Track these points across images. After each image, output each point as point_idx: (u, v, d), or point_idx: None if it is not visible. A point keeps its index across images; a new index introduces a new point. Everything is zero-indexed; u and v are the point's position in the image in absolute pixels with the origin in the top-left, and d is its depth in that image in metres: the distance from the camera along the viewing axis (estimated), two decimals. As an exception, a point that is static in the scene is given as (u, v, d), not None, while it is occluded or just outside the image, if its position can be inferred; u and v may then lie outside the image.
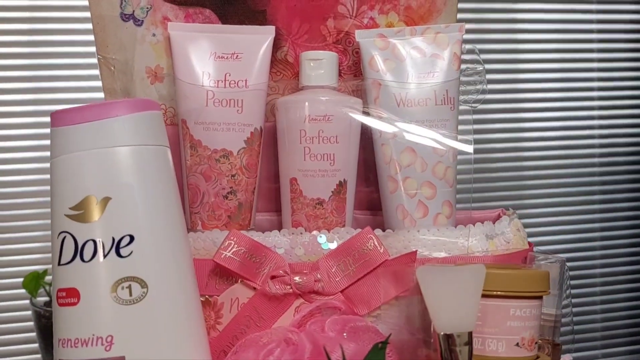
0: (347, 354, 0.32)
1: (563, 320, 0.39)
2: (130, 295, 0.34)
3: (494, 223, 0.41)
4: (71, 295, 0.34)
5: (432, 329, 0.32)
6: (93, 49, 0.45)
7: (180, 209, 0.38)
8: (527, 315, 0.32)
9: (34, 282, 0.97)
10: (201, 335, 0.37)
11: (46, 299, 0.91)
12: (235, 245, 0.39)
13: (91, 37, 0.44)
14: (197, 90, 0.42)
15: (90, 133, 0.35)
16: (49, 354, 0.94)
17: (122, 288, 0.34)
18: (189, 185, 0.43)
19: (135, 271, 0.34)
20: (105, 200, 0.35)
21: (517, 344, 0.32)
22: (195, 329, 0.36)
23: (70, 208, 0.35)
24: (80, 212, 0.35)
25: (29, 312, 0.90)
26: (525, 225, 0.42)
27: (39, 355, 0.94)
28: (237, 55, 0.43)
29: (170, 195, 0.37)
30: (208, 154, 0.42)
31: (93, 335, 0.34)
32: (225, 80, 0.42)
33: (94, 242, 0.34)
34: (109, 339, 0.33)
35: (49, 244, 0.34)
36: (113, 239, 0.34)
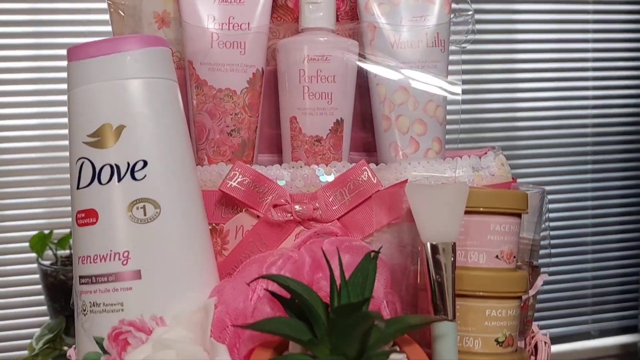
0: (343, 264, 0.35)
1: (541, 244, 0.42)
2: (145, 214, 0.37)
3: (480, 158, 0.44)
4: (90, 216, 0.37)
5: (419, 241, 0.35)
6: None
7: (189, 140, 0.40)
8: (506, 231, 0.36)
9: (40, 242, 1.01)
10: (210, 254, 0.40)
11: (52, 261, 0.95)
12: (240, 176, 0.42)
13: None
14: (202, 33, 0.45)
15: (104, 66, 0.38)
16: (55, 310, 0.98)
17: (137, 208, 0.37)
18: (196, 123, 0.46)
19: (149, 193, 0.37)
20: (120, 128, 0.37)
21: (497, 256, 0.35)
22: (205, 248, 0.40)
23: (87, 135, 0.38)
24: (97, 139, 0.37)
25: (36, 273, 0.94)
26: None
27: (45, 314, 0.98)
28: (240, 0, 0.45)
29: (179, 125, 0.40)
30: (213, 93, 0.45)
31: (111, 251, 0.37)
32: (229, 23, 0.45)
33: (111, 166, 0.37)
34: (125, 254, 0.37)
35: (53, 209, 0.36)
36: (128, 164, 0.37)
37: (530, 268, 0.42)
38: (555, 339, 1.39)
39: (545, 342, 0.40)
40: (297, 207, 0.42)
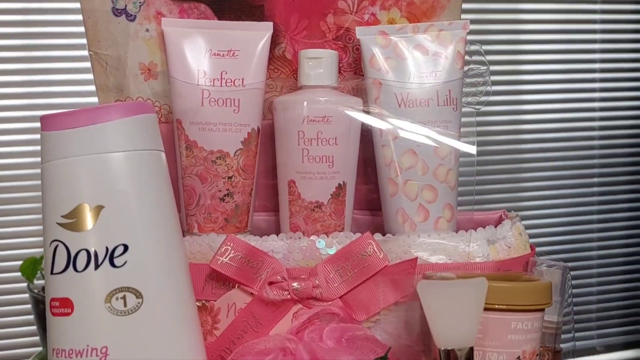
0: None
1: (564, 327, 0.39)
2: (125, 305, 0.33)
3: (495, 227, 0.41)
4: (65, 306, 0.34)
5: (432, 343, 0.31)
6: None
7: (176, 215, 0.37)
8: (529, 329, 0.32)
9: (31, 267, 0.97)
10: (198, 343, 0.36)
11: (43, 282, 0.91)
12: (232, 251, 0.38)
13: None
14: (192, 89, 0.41)
15: (82, 138, 0.34)
16: (46, 337, 0.94)
17: (117, 299, 0.33)
18: (185, 186, 0.42)
19: (129, 281, 0.33)
20: (99, 209, 0.34)
21: (519, 357, 0.32)
22: (192, 338, 0.36)
23: (62, 216, 0.34)
24: (72, 221, 0.34)
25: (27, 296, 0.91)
26: (524, 218, 0.42)
27: (37, 338, 0.95)
28: (234, 53, 0.41)
29: (165, 201, 0.36)
30: (204, 155, 0.41)
31: (87, 346, 0.33)
32: (221, 78, 0.41)
33: (87, 251, 0.33)
34: (103, 350, 0.33)
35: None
36: (107, 249, 0.33)
37: (552, 354, 0.38)
38: (560, 354, 1.38)
39: None
40: (295, 284, 0.38)
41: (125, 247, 0.34)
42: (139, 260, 0.34)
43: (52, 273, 0.34)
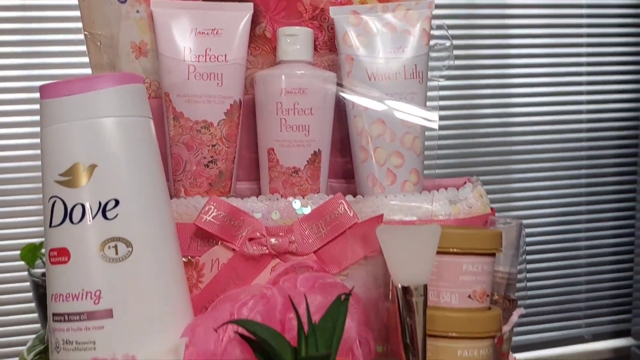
0: (314, 305, 0.35)
1: (518, 277, 0.42)
2: (117, 254, 0.37)
3: (458, 190, 0.44)
4: (62, 254, 0.37)
5: (391, 283, 0.35)
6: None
7: (163, 176, 0.40)
8: (479, 271, 0.36)
9: (30, 253, 1.01)
10: (184, 291, 0.40)
11: (43, 270, 0.95)
12: (215, 210, 0.42)
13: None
14: (179, 65, 0.45)
15: (77, 105, 0.38)
16: (46, 320, 0.97)
17: (109, 247, 0.37)
18: (172, 154, 0.46)
19: (120, 232, 0.37)
20: (92, 167, 0.37)
21: (469, 296, 0.35)
22: (178, 286, 0.39)
23: (59, 174, 0.37)
24: (68, 178, 0.37)
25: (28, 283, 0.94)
26: (513, 209, 0.44)
27: (38, 325, 0.98)
28: (217, 31, 0.45)
29: (153, 163, 0.40)
30: (190, 125, 0.45)
31: (83, 290, 0.37)
32: (205, 55, 0.45)
33: (82, 205, 0.37)
34: (97, 293, 0.36)
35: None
36: (100, 203, 0.37)
37: (508, 302, 0.42)
38: (549, 343, 1.41)
39: (520, 377, 0.40)
40: (272, 240, 0.42)
41: (117, 202, 0.37)
42: (129, 214, 0.37)
43: (50, 226, 0.38)
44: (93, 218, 0.37)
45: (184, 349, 0.35)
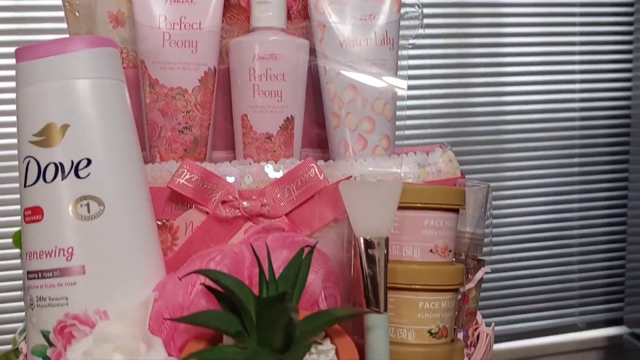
0: (280, 259, 0.36)
1: (485, 239, 0.43)
2: (89, 212, 0.38)
3: (427, 154, 0.45)
4: (36, 213, 0.38)
5: (353, 237, 0.36)
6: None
7: (136, 139, 0.41)
8: (441, 226, 0.36)
9: (23, 238, 1.02)
10: (155, 250, 0.41)
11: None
12: (188, 173, 0.43)
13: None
14: (154, 32, 0.45)
15: (51, 66, 0.38)
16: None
17: (81, 205, 0.38)
18: (148, 120, 0.46)
19: (92, 191, 0.38)
20: (65, 127, 0.38)
21: (431, 250, 0.36)
22: (150, 244, 0.40)
23: (33, 135, 0.38)
24: (42, 138, 0.38)
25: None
26: (507, 197, 0.43)
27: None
28: (192, 0, 0.46)
29: (125, 124, 0.40)
30: (165, 91, 0.46)
31: (56, 247, 0.37)
32: (180, 22, 0.46)
33: (55, 164, 0.38)
34: (70, 250, 0.37)
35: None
36: (72, 162, 0.38)
37: (476, 262, 0.43)
38: (542, 331, 1.42)
39: (487, 334, 0.41)
40: (245, 203, 0.43)
41: (89, 161, 0.38)
42: (100, 173, 0.38)
43: (25, 186, 0.39)
44: (66, 177, 0.38)
45: (152, 302, 0.36)
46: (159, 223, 0.44)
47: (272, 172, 0.44)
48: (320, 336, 0.33)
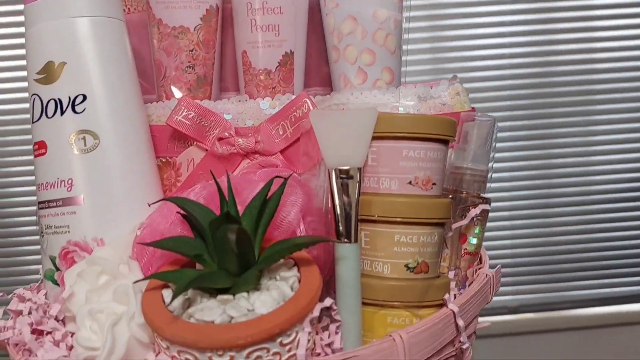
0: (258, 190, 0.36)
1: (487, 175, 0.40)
2: (85, 145, 0.40)
3: (431, 87, 0.42)
4: (41, 147, 0.41)
5: (325, 166, 0.35)
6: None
7: (133, 76, 0.42)
8: (421, 157, 0.34)
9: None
10: (150, 182, 0.42)
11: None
12: (185, 110, 0.43)
13: None
14: (157, -29, 0.46)
15: (52, 6, 0.40)
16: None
17: (79, 139, 0.40)
18: (155, 61, 0.47)
19: (88, 125, 0.40)
20: (62, 65, 0.40)
21: (410, 182, 0.34)
22: (145, 176, 0.42)
23: (36, 73, 0.41)
24: (43, 76, 0.40)
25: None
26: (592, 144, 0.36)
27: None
28: (193, -64, 0.46)
29: (122, 62, 0.41)
30: (168, 31, 0.46)
31: (58, 179, 0.40)
32: (181, -40, 0.46)
33: (55, 100, 0.40)
34: (69, 181, 0.40)
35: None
36: (69, 98, 0.40)
37: (480, 200, 0.40)
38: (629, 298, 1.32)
39: (487, 275, 0.38)
40: (240, 140, 0.43)
41: (84, 97, 0.40)
42: (95, 108, 0.40)
43: (32, 122, 0.41)
44: (64, 112, 0.40)
45: (141, 230, 0.37)
46: (163, 160, 0.45)
47: (268, 108, 0.44)
48: (289, 265, 0.33)
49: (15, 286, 0.45)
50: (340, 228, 0.33)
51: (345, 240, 0.33)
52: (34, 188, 0.52)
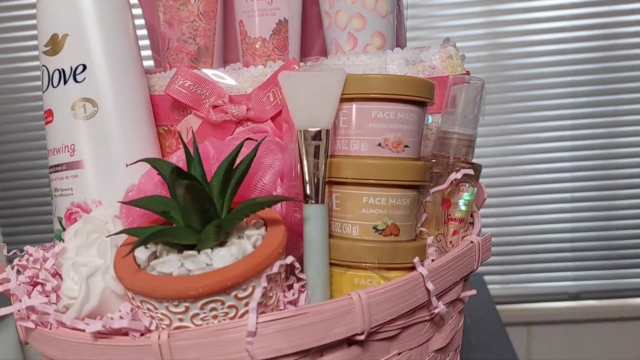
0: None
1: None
2: (85, 112, 0.42)
3: (421, 51, 0.41)
4: (49, 115, 0.44)
5: (293, 128, 0.35)
6: None
7: (134, 47, 0.44)
8: (392, 118, 0.33)
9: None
10: (148, 148, 0.44)
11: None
12: (182, 79, 0.45)
13: None
14: (158, -55, 0.47)
15: (56, -19, 0.43)
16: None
17: (79, 107, 0.42)
18: (160, 33, 0.49)
19: (88, 93, 0.42)
20: (65, 36, 0.42)
21: (380, 144, 0.34)
22: (142, 143, 0.44)
23: (44, 45, 0.43)
24: (49, 48, 0.43)
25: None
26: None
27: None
28: None
29: (122, 33, 0.43)
30: (170, 3, 0.48)
31: (62, 144, 0.43)
32: None
33: (59, 70, 0.42)
34: (72, 146, 0.42)
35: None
36: (71, 68, 0.42)
37: (468, 165, 0.39)
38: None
39: (471, 242, 0.37)
40: (232, 107, 0.44)
41: (84, 67, 0.42)
42: (94, 77, 0.42)
43: (43, 92, 0.44)
44: (67, 81, 0.42)
45: (130, 192, 0.39)
46: (165, 128, 0.47)
47: (260, 75, 0.44)
48: (258, 224, 0.34)
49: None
50: (307, 188, 0.33)
51: (312, 201, 0.33)
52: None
